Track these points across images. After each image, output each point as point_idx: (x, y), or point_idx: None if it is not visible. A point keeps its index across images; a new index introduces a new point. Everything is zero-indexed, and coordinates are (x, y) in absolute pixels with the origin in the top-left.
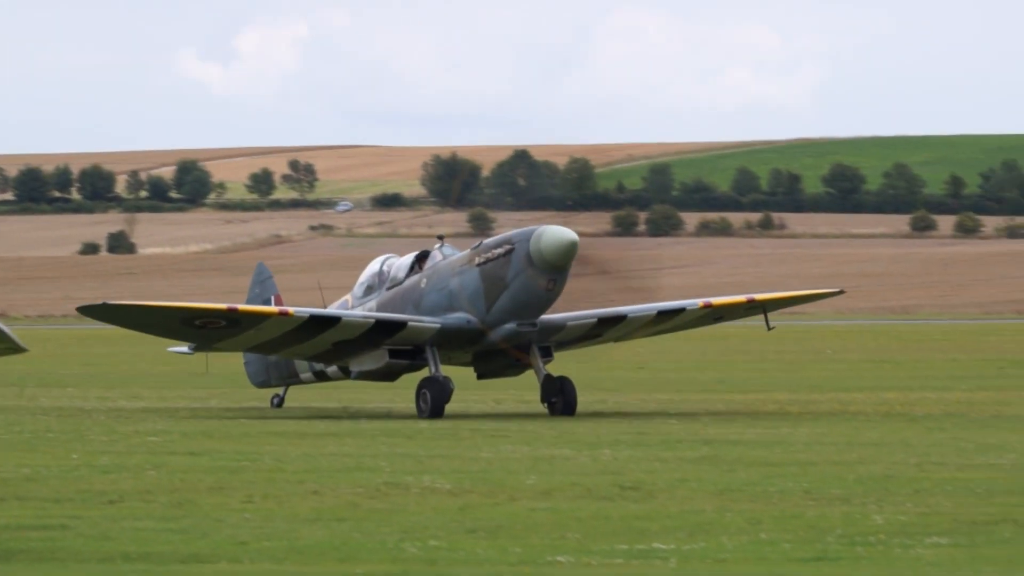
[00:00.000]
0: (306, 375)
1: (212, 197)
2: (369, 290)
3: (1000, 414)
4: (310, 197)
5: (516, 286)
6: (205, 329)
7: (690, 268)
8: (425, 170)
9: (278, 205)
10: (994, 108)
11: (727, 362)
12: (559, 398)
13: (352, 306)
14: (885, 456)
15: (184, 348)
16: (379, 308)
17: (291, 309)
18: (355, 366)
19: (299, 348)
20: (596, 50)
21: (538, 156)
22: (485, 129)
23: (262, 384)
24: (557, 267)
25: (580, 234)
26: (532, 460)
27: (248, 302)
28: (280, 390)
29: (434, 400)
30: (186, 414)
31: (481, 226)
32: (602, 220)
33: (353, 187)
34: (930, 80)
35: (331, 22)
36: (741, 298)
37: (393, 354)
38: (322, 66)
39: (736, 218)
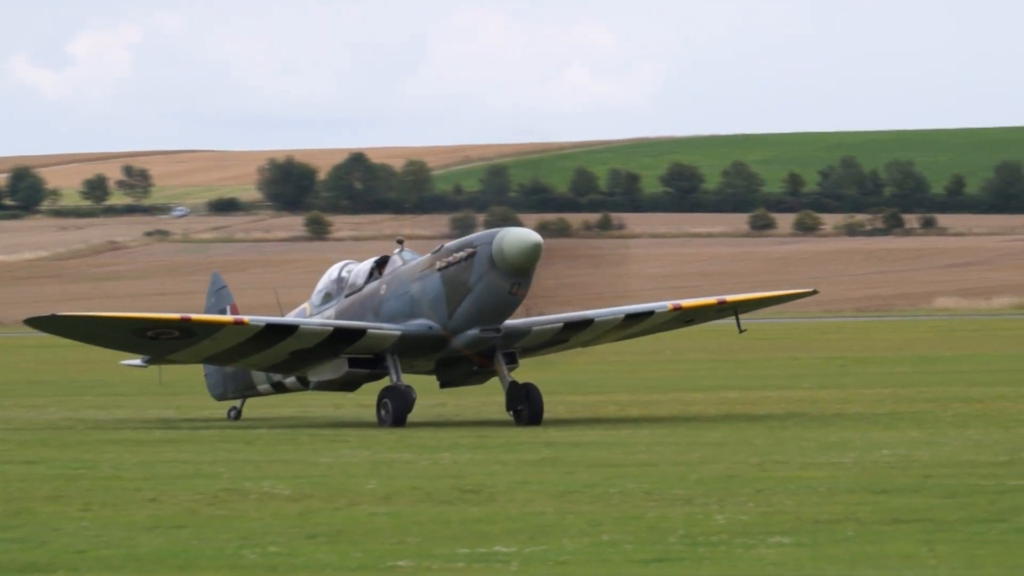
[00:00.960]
0: (264, 387)
1: (46, 204)
2: (327, 298)
3: (842, 412)
4: (145, 203)
5: (479, 291)
6: (158, 340)
7: None
8: (262, 174)
9: (113, 211)
10: (832, 105)
11: (568, 364)
12: (524, 406)
13: (310, 314)
14: (727, 456)
15: (137, 360)
16: (338, 316)
17: (247, 318)
18: (314, 376)
19: (256, 358)
20: (433, 51)
21: (375, 159)
22: (321, 132)
23: (220, 396)
24: (521, 270)
25: (544, 236)
26: (372, 464)
27: (205, 312)
28: (237, 402)
29: (396, 410)
30: (20, 424)
31: (318, 231)
32: (440, 223)
33: (189, 192)
34: (768, 78)
35: (165, 26)
36: (711, 300)
37: (353, 363)
38: (156, 70)
39: (575, 219)
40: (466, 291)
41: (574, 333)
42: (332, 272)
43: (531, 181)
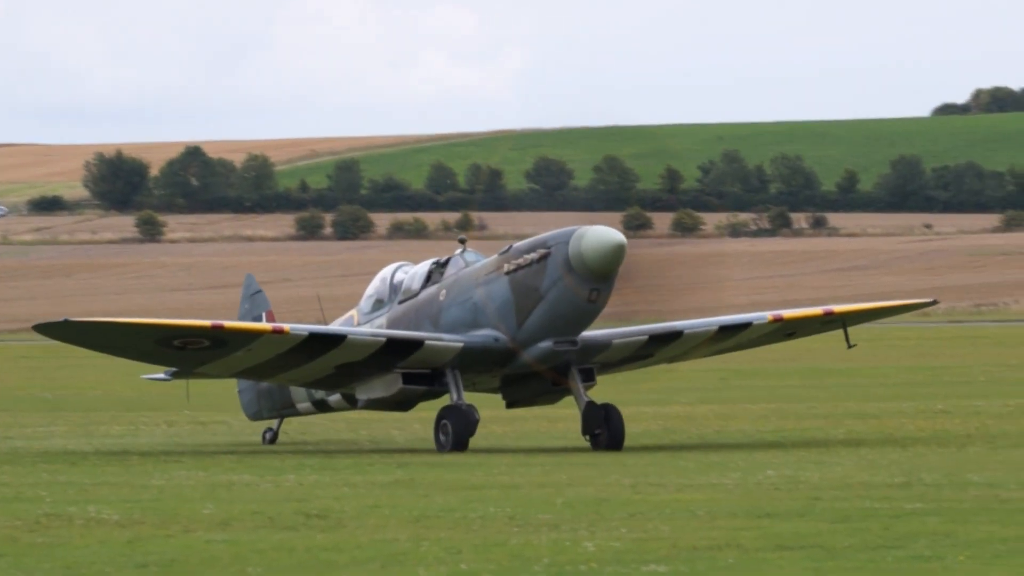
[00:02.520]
0: (304, 405)
1: None
2: (378, 304)
3: (723, 429)
4: None
5: (553, 297)
6: (185, 351)
7: None
8: (88, 170)
9: None
10: (714, 95)
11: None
12: (604, 430)
13: (358, 323)
14: (597, 477)
15: (160, 374)
16: (390, 325)
17: (287, 326)
18: (362, 393)
19: (296, 372)
20: (276, 37)
21: (212, 153)
22: (153, 124)
23: (255, 416)
24: (601, 275)
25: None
26: (209, 487)
27: (239, 319)
28: (274, 423)
29: (457, 433)
30: None
31: (150, 232)
32: (285, 222)
33: (8, 190)
34: (643, 65)
35: None
36: (817, 311)
37: (407, 379)
38: None
39: (432, 218)
40: (538, 298)
41: (660, 347)
42: (384, 275)
43: (384, 177)
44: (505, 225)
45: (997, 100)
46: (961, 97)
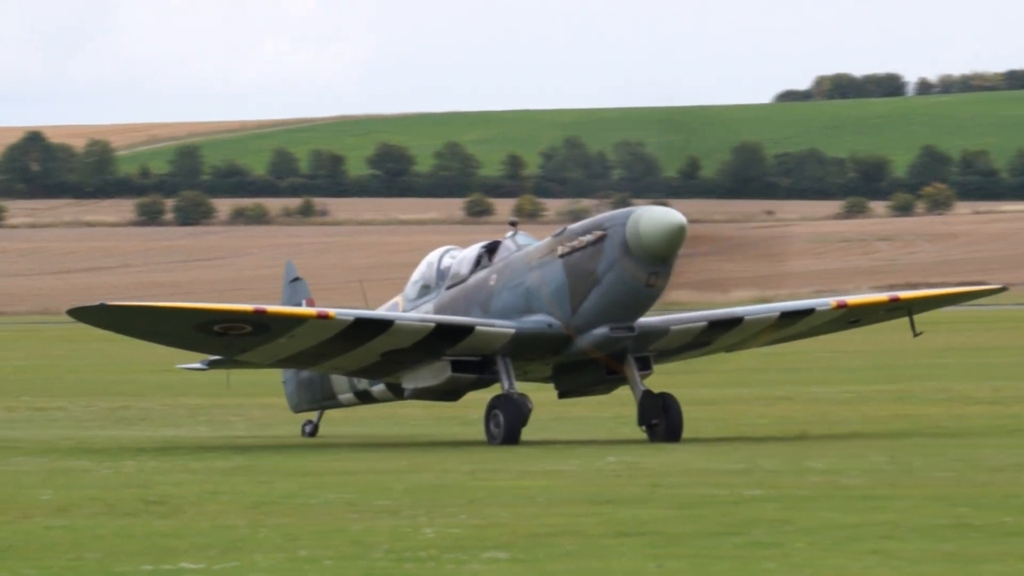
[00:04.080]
0: (346, 396)
1: None
2: (425, 289)
3: (564, 415)
4: None
5: (609, 281)
6: (226, 337)
7: (222, 260)
8: None
9: None
10: (555, 81)
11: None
12: (661, 420)
13: (404, 309)
14: (436, 463)
15: (197, 363)
16: (438, 311)
17: (332, 311)
18: (409, 382)
19: (341, 360)
20: (116, 20)
21: (53, 138)
22: None
23: (296, 408)
24: (660, 257)
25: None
26: (47, 473)
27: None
28: (314, 415)
29: (509, 423)
30: None
31: None
32: (125, 208)
33: None
34: (484, 51)
35: None
36: (882, 297)
37: (457, 367)
38: None
39: (273, 204)
40: (593, 282)
41: (720, 334)
42: (431, 259)
43: (225, 163)
44: (346, 211)
45: (839, 87)
46: (803, 83)
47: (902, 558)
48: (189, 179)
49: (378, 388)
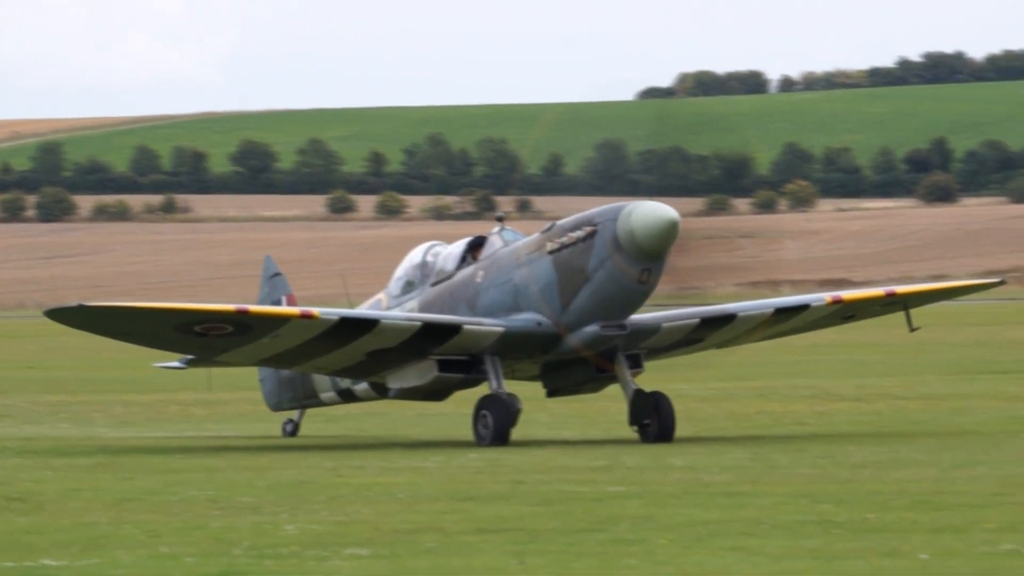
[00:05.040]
0: (328, 395)
1: None
2: (409, 286)
3: (426, 412)
4: None
5: (600, 278)
6: (207, 337)
7: (84, 257)
8: None
9: None
10: (417, 78)
11: (129, 361)
12: (653, 419)
13: (387, 307)
14: (299, 460)
15: (175, 362)
16: (422, 308)
17: (316, 310)
18: (395, 382)
19: (325, 360)
20: None
21: None
22: None
23: (276, 407)
24: (652, 254)
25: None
26: None
27: (258, 303)
28: (295, 414)
29: (497, 424)
30: None
31: None
32: None
33: None
34: (345, 51)
35: None
36: (878, 292)
37: (443, 366)
38: None
39: (135, 201)
40: (584, 279)
41: (712, 331)
42: (414, 256)
43: (87, 159)
44: (209, 208)
45: (702, 84)
46: (666, 80)
47: (764, 555)
48: (51, 176)
49: (361, 387)
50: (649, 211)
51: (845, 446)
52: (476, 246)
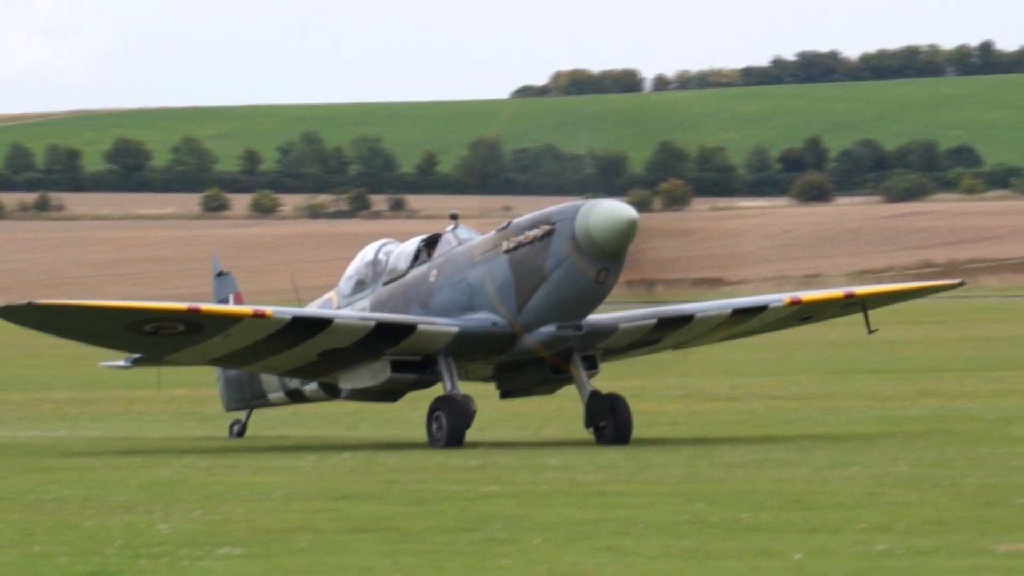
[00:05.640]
0: (276, 395)
1: None
2: (360, 285)
3: (299, 412)
4: None
5: (557, 277)
6: (158, 336)
7: None
8: None
9: None
10: (292, 76)
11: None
12: (609, 422)
13: (338, 306)
14: (172, 459)
15: (121, 361)
16: (374, 308)
17: (269, 309)
18: (347, 382)
19: (276, 360)
20: None
21: None
22: None
23: (225, 407)
24: (611, 253)
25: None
26: None
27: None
28: (242, 415)
29: (452, 425)
30: None
31: None
32: None
33: None
34: (219, 47)
35: None
36: (837, 292)
37: (397, 367)
38: None
39: (9, 199)
40: (540, 278)
41: (669, 331)
42: (366, 254)
43: None
44: (83, 206)
45: (576, 83)
46: (540, 79)
47: (638, 554)
48: None
49: (310, 387)
50: (608, 210)
51: (719, 446)
52: (430, 244)
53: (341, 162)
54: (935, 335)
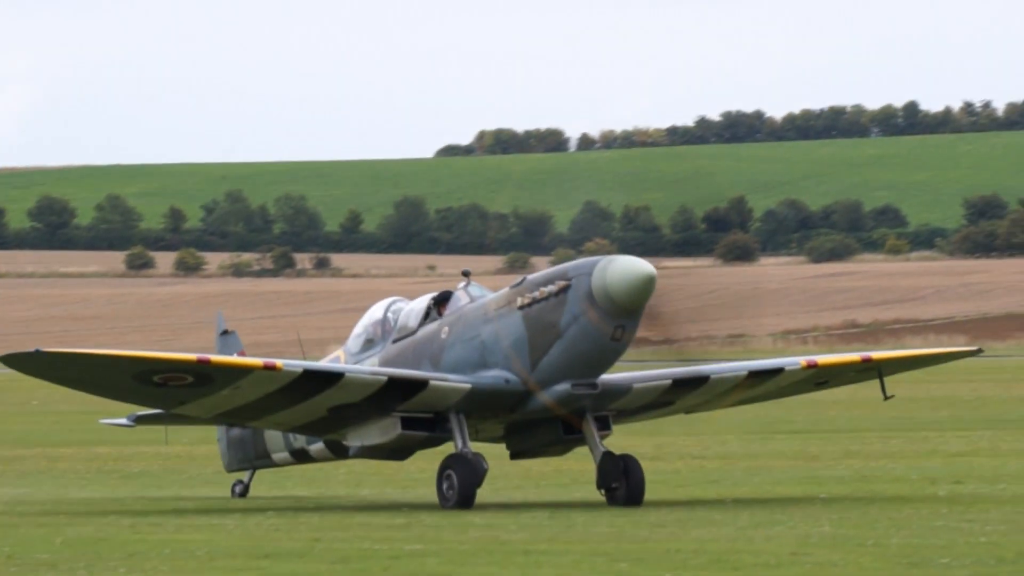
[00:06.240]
0: (280, 455)
1: None
2: (369, 344)
3: (222, 470)
4: None
5: (572, 334)
6: (166, 388)
7: None
8: None
9: None
10: (217, 135)
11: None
12: (621, 483)
13: (346, 363)
14: (96, 516)
15: (123, 419)
16: (383, 365)
17: (279, 362)
18: (355, 439)
19: (285, 415)
20: None
21: None
22: None
23: (227, 467)
24: (628, 310)
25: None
26: None
27: None
28: (244, 475)
29: (463, 485)
30: None
31: None
32: None
33: None
34: (144, 106)
35: None
36: (854, 357)
37: (407, 423)
38: None
39: None
40: (555, 335)
41: (683, 393)
42: (375, 312)
43: None
44: (7, 264)
45: (500, 142)
46: (465, 138)
47: None
48: None
49: (316, 447)
50: (625, 266)
51: (643, 505)
52: (440, 302)
53: (265, 220)
54: (858, 395)
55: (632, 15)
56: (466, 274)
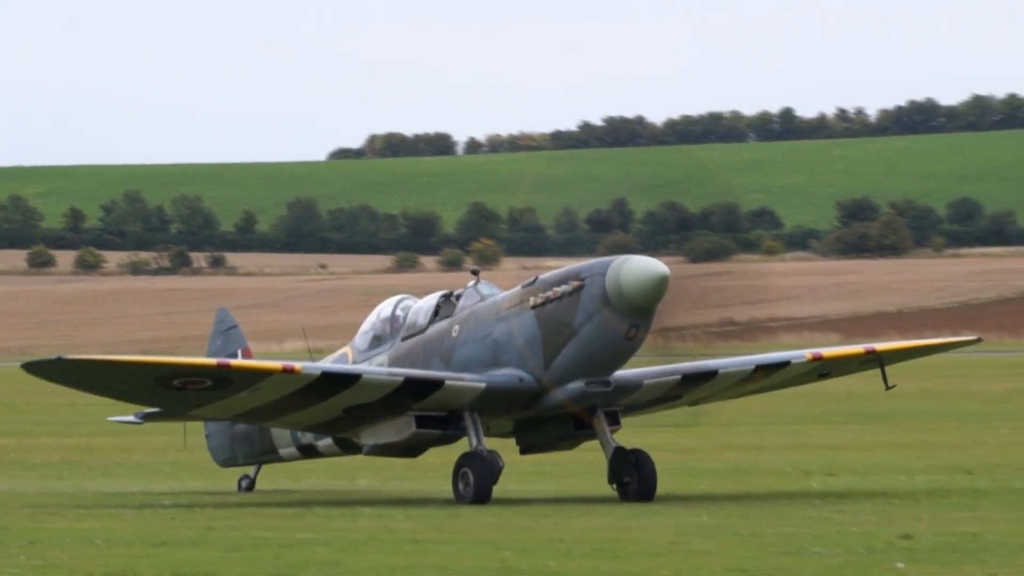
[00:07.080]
0: (288, 451)
1: None
2: (377, 341)
3: (123, 461)
4: None
5: (587, 334)
6: (185, 391)
7: None
8: None
9: None
10: (115, 137)
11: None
12: (633, 477)
13: (354, 361)
14: None
15: (131, 416)
16: (393, 363)
17: (298, 365)
18: (370, 438)
19: (300, 415)
20: None
21: None
22: None
23: (227, 462)
24: (642, 309)
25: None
26: None
27: (209, 356)
28: (251, 470)
29: (479, 482)
30: None
31: None
32: None
33: None
34: (46, 107)
35: None
36: (858, 349)
37: (421, 422)
38: None
39: None
40: (569, 334)
41: (692, 387)
42: (383, 310)
43: None
44: None
45: (391, 145)
46: (356, 142)
47: None
48: None
49: (324, 443)
50: (639, 265)
51: (527, 495)
52: (450, 300)
53: (162, 220)
54: None
55: (518, 24)
56: (475, 272)
